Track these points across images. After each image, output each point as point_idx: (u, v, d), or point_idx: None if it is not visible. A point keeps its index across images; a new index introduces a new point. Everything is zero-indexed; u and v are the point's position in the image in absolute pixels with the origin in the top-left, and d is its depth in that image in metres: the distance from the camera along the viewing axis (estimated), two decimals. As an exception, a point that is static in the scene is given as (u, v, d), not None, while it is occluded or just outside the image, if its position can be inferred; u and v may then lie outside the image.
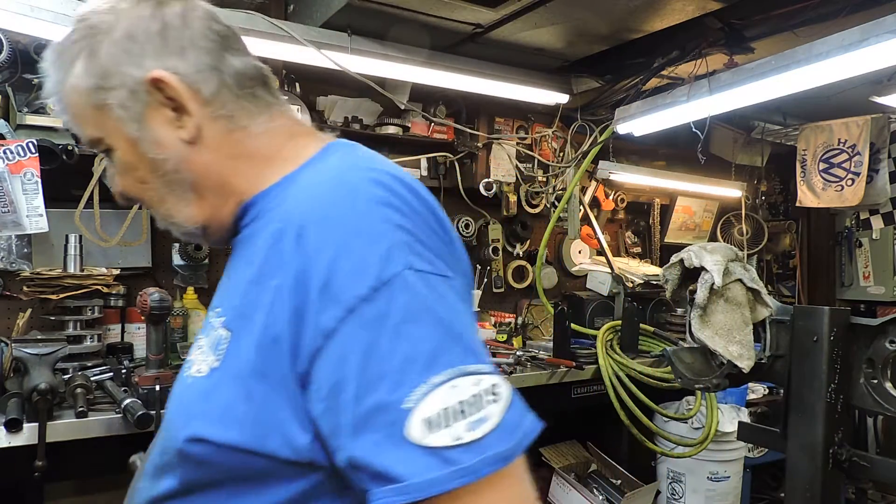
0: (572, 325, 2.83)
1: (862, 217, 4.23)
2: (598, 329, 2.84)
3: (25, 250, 2.26)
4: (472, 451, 0.56)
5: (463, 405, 0.57)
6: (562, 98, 2.97)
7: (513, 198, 3.34)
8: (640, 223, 4.14)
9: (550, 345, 2.78)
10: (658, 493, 2.94)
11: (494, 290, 3.46)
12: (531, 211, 3.46)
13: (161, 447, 0.73)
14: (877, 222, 4.15)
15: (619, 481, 2.91)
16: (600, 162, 3.40)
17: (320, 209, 0.65)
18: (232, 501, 0.68)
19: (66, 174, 2.19)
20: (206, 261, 2.57)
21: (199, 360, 0.71)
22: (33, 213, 2.08)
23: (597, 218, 3.70)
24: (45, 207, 2.09)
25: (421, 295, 0.61)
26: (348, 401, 0.58)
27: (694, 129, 2.74)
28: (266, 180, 0.76)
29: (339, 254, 0.61)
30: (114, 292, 2.27)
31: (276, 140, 0.78)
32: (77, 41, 0.74)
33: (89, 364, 2.08)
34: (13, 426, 1.60)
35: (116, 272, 2.24)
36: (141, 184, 0.78)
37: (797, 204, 3.82)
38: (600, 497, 2.80)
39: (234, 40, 0.78)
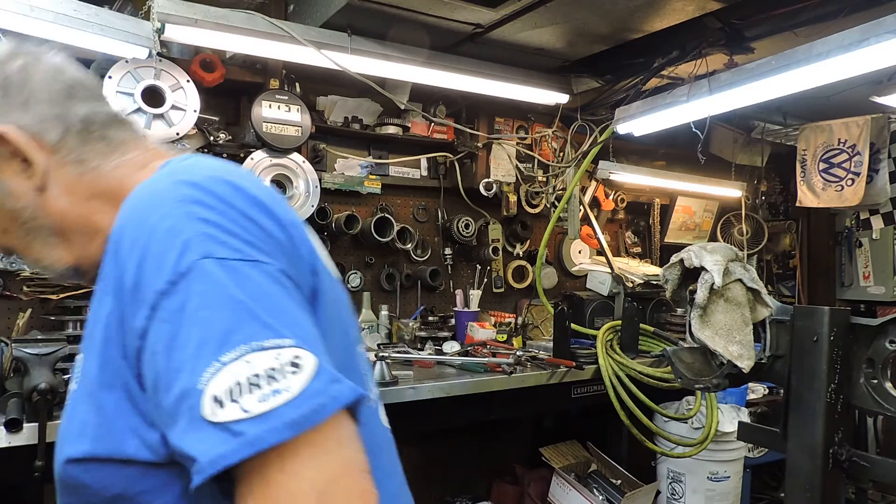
0: (572, 325, 2.83)
1: (862, 217, 4.23)
2: (598, 329, 2.84)
3: (25, 250, 2.26)
4: (261, 422, 0.57)
5: (256, 378, 0.58)
6: (562, 98, 2.97)
7: (513, 198, 3.34)
8: (640, 223, 4.14)
9: (550, 345, 2.78)
10: (658, 493, 2.94)
11: (494, 290, 3.46)
12: (531, 211, 3.46)
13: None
14: (877, 222, 4.15)
15: (619, 481, 2.91)
16: (600, 162, 3.41)
17: (130, 218, 0.69)
18: None
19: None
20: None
21: (69, 392, 0.75)
22: (33, 213, 2.08)
23: (597, 218, 3.70)
24: (45, 207, 2.09)
25: (217, 280, 0.62)
26: (162, 395, 0.61)
27: (694, 129, 2.73)
28: (114, 216, 0.79)
29: (144, 255, 0.65)
30: (114, 292, 2.27)
31: (129, 172, 0.82)
32: None
33: (89, 364, 2.08)
34: (13, 426, 1.60)
35: (116, 272, 2.24)
36: (4, 233, 0.82)
37: (797, 204, 3.82)
38: (600, 497, 2.80)
39: (82, 89, 0.82)
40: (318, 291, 0.74)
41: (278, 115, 2.57)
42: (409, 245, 3.10)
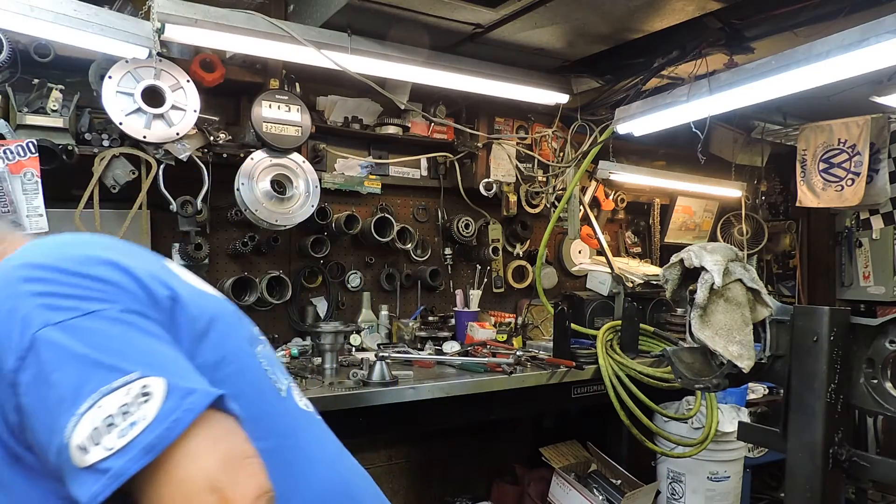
0: (572, 325, 2.83)
1: (862, 217, 4.23)
2: (598, 329, 2.84)
3: (25, 250, 2.26)
4: (122, 454, 0.63)
5: (110, 419, 0.64)
6: (562, 98, 2.97)
7: (513, 198, 3.34)
8: (640, 223, 4.14)
9: (550, 345, 2.78)
10: (658, 493, 2.94)
11: (494, 290, 3.46)
12: (531, 211, 3.46)
13: None
14: (877, 222, 4.15)
15: (619, 481, 2.91)
16: (600, 162, 3.41)
17: None
18: None
19: (66, 174, 2.19)
20: (206, 261, 2.57)
21: None
22: (33, 213, 2.08)
23: (597, 218, 3.70)
24: (45, 207, 2.09)
25: (58, 344, 0.68)
26: (47, 456, 0.67)
27: (694, 129, 2.73)
28: None
29: None
30: (114, 292, 2.27)
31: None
32: None
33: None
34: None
35: (116, 272, 2.24)
36: None
37: (797, 204, 3.82)
38: (600, 497, 2.80)
39: None
40: (175, 306, 0.80)
41: (278, 115, 2.57)
42: (409, 245, 3.10)
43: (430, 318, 3.10)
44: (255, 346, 0.94)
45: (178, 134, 2.34)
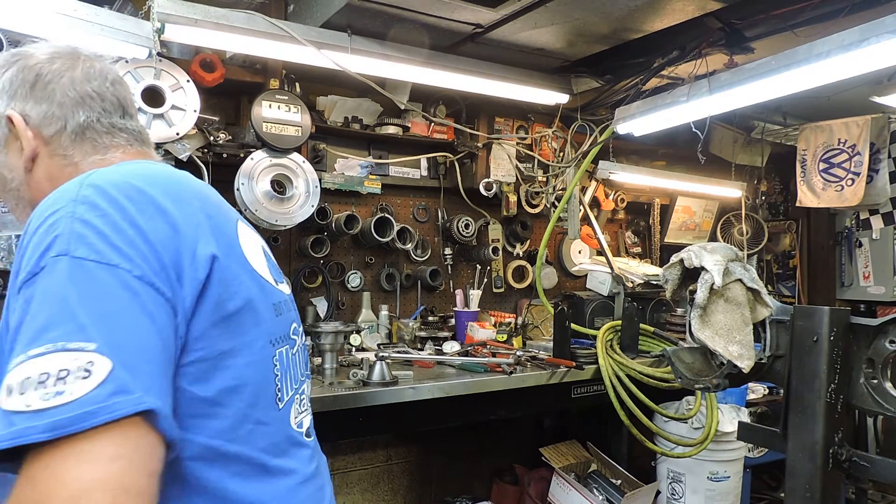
0: (572, 325, 2.82)
1: (862, 217, 4.23)
2: (598, 329, 2.84)
3: (25, 250, 2.26)
4: (32, 418, 0.61)
5: (45, 377, 0.62)
6: (562, 98, 2.97)
7: (513, 198, 3.34)
8: (640, 223, 4.14)
9: (550, 345, 2.78)
10: (658, 493, 2.94)
11: (494, 290, 3.46)
12: (531, 211, 3.46)
13: None
14: (877, 222, 4.15)
15: (619, 481, 2.91)
16: (600, 162, 3.41)
17: (35, 212, 0.77)
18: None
19: (66, 174, 2.19)
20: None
21: None
22: (33, 213, 2.08)
23: (597, 218, 3.70)
24: (45, 207, 2.09)
25: (59, 278, 0.68)
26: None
27: (694, 129, 2.73)
28: None
29: (28, 246, 0.73)
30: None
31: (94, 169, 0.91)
32: None
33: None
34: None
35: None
36: (2, 191, 1.00)
37: (797, 204, 3.82)
38: (600, 497, 2.80)
39: (95, 101, 0.96)
40: (206, 290, 0.78)
41: (278, 115, 2.57)
42: (409, 245, 3.10)
43: (430, 318, 3.10)
44: (278, 346, 0.91)
45: (178, 134, 2.34)
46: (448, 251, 3.36)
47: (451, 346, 2.82)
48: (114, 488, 0.61)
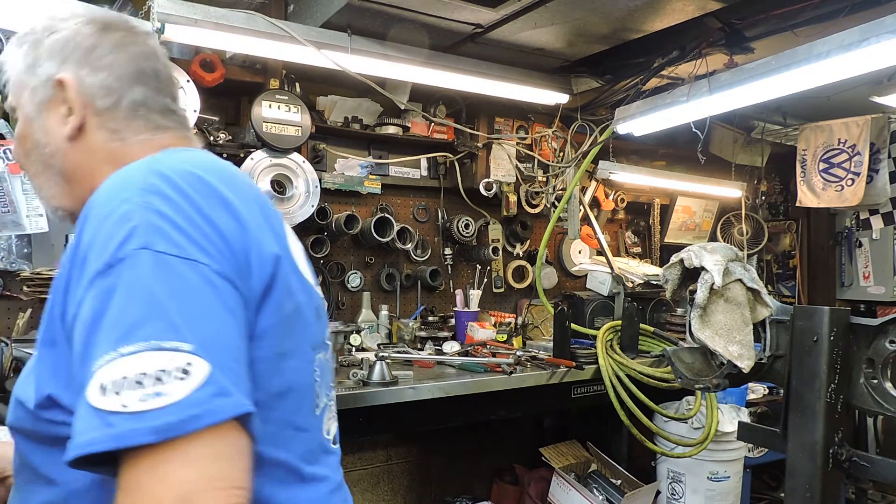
0: (572, 325, 2.82)
1: (862, 217, 4.23)
2: (598, 329, 2.84)
3: (25, 250, 2.26)
4: (133, 420, 0.59)
5: (142, 377, 0.60)
6: (562, 98, 2.97)
7: (513, 198, 3.34)
8: (640, 223, 4.14)
9: (550, 345, 2.78)
10: (658, 493, 2.94)
11: (494, 290, 3.46)
12: (531, 211, 3.46)
13: None
14: (877, 222, 4.15)
15: (619, 481, 2.91)
16: (600, 162, 3.41)
17: (100, 194, 0.73)
18: (64, 473, 0.73)
19: (66, 174, 2.19)
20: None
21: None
22: (33, 213, 2.08)
23: (597, 218, 3.70)
24: (45, 207, 2.09)
25: (144, 273, 0.65)
26: (77, 366, 0.65)
27: (694, 129, 2.74)
28: None
29: (96, 233, 0.69)
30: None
31: (146, 150, 0.88)
32: (34, 32, 0.91)
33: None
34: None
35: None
36: (25, 155, 0.94)
37: (797, 204, 3.82)
38: (600, 497, 2.80)
39: (151, 79, 0.92)
40: (271, 291, 0.76)
41: (278, 115, 2.57)
42: (409, 245, 3.10)
43: (430, 318, 3.10)
44: (317, 352, 0.88)
45: (178, 134, 2.34)
46: (448, 251, 3.36)
47: (451, 346, 2.82)
48: (219, 487, 0.61)
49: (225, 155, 2.53)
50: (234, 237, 0.73)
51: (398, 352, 2.70)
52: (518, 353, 2.66)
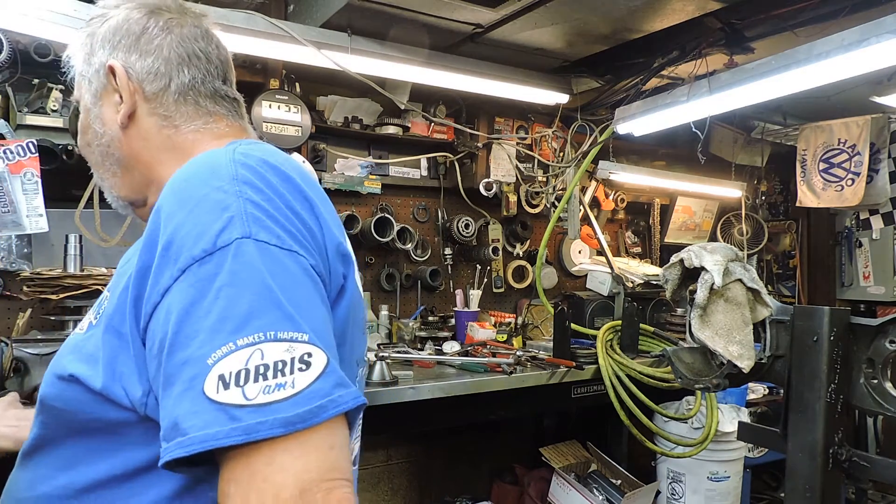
0: (572, 325, 2.82)
1: (862, 217, 4.23)
2: (598, 329, 2.84)
3: (25, 250, 2.26)
4: (259, 413, 0.58)
5: (264, 368, 0.59)
6: (562, 98, 2.97)
7: (513, 198, 3.34)
8: (640, 223, 4.14)
9: (550, 345, 2.77)
10: (658, 493, 2.94)
11: (494, 290, 3.46)
12: (531, 211, 3.46)
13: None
14: (877, 222, 4.15)
15: (619, 481, 2.91)
16: (600, 162, 3.41)
17: (180, 184, 0.71)
18: (91, 458, 0.72)
19: (66, 174, 2.19)
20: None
21: (84, 320, 0.79)
22: (33, 213, 2.08)
23: (597, 218, 3.70)
24: (45, 207, 2.09)
25: (252, 262, 0.63)
26: (166, 355, 0.62)
27: (694, 129, 2.74)
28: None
29: (185, 219, 0.66)
30: (114, 292, 2.27)
31: (203, 139, 0.88)
32: (90, 23, 0.92)
33: (89, 364, 2.07)
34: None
35: (116, 272, 2.24)
36: (87, 146, 0.94)
37: (797, 204, 3.82)
38: (600, 497, 2.80)
39: (201, 62, 0.92)
40: (343, 292, 0.76)
41: (278, 115, 2.57)
42: (409, 245, 3.10)
43: (430, 318, 3.10)
44: (360, 367, 0.87)
45: (178, 134, 2.34)
46: (448, 251, 3.36)
47: (451, 346, 2.82)
48: (335, 477, 0.60)
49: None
50: (317, 234, 0.72)
51: (398, 352, 2.70)
52: (518, 353, 2.66)
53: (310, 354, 0.61)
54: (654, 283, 3.37)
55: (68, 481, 0.73)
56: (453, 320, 3.18)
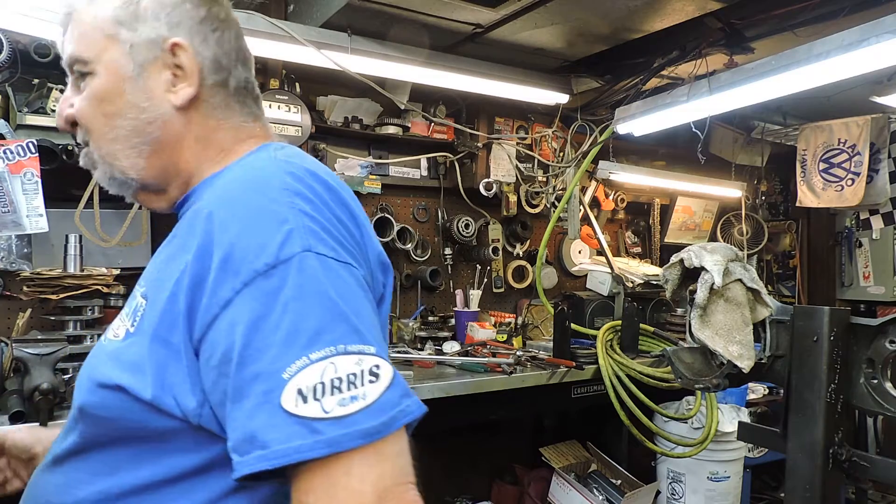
0: (572, 325, 2.82)
1: (862, 217, 4.23)
2: (598, 329, 2.84)
3: (25, 250, 2.26)
4: (340, 425, 0.60)
5: (338, 381, 0.61)
6: (562, 98, 2.97)
7: (513, 198, 3.34)
8: (640, 223, 4.14)
9: (550, 345, 2.78)
10: (658, 493, 2.94)
11: (494, 290, 3.46)
12: (531, 211, 3.46)
13: (71, 410, 0.79)
14: (877, 222, 4.15)
15: (619, 481, 2.91)
16: (600, 162, 3.41)
17: (233, 192, 0.71)
18: (133, 464, 0.72)
19: (66, 174, 2.19)
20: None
21: (117, 326, 0.77)
22: (33, 213, 2.08)
23: (597, 218, 3.70)
24: (45, 207, 2.09)
25: (316, 276, 0.65)
26: (232, 368, 0.63)
27: (694, 129, 2.74)
28: (211, 169, 0.85)
29: (243, 231, 0.66)
30: (114, 292, 2.27)
31: (238, 137, 0.87)
32: None
33: (89, 364, 2.07)
34: (17, 419, 1.61)
35: (116, 272, 2.24)
36: (104, 116, 0.83)
37: (797, 204, 3.82)
38: (600, 497, 2.80)
39: (250, 63, 0.90)
40: (383, 301, 0.78)
41: (278, 115, 2.57)
42: (409, 245, 3.10)
43: (430, 318, 3.10)
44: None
45: (178, 134, 2.34)
46: (448, 251, 3.36)
47: (451, 346, 2.82)
48: (405, 481, 0.63)
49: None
50: (361, 244, 0.73)
51: (398, 352, 2.70)
52: (518, 353, 2.66)
53: (378, 366, 0.63)
54: (654, 283, 3.37)
55: (107, 486, 0.73)
56: (453, 320, 3.17)
